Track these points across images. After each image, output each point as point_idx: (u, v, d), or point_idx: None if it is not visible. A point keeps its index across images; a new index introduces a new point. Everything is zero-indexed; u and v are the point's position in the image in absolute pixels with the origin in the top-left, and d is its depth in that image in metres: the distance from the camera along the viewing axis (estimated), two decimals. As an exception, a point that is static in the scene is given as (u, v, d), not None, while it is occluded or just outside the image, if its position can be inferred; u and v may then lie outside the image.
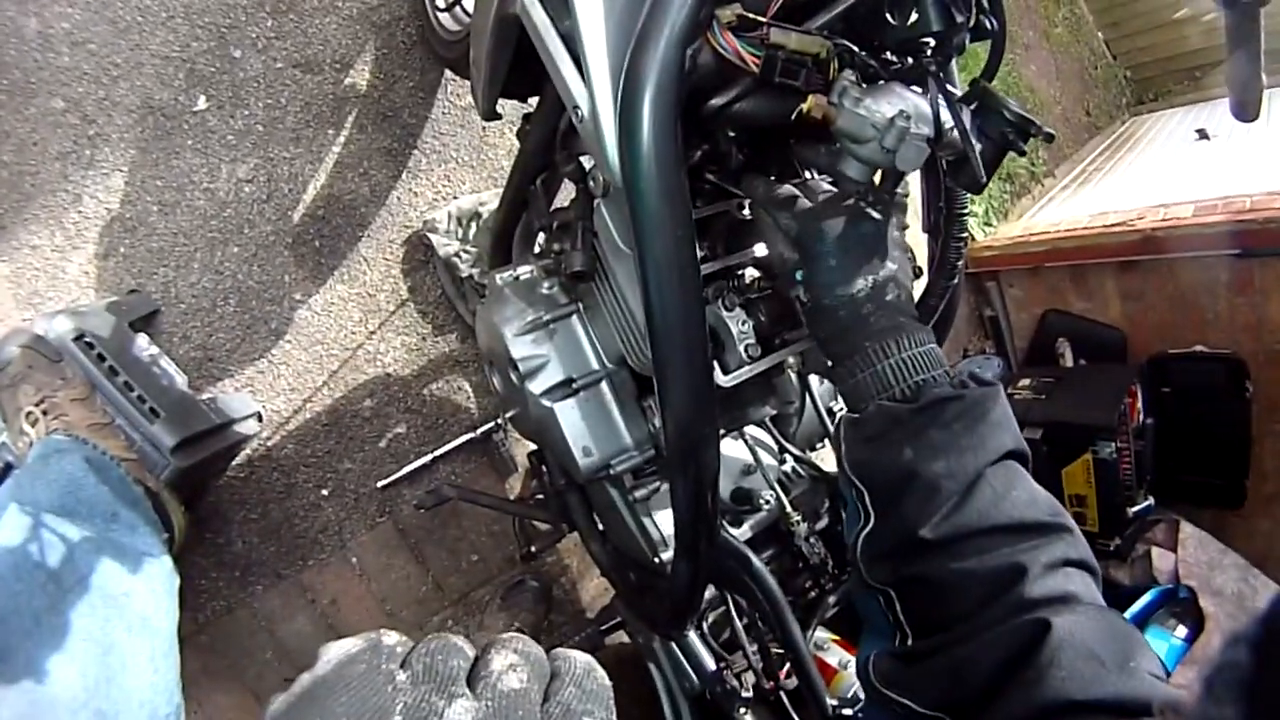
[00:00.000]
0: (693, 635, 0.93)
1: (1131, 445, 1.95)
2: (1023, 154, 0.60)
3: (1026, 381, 2.17)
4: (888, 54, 0.61)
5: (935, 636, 0.51)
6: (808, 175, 0.73)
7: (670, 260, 0.54)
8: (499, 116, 0.94)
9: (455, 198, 1.55)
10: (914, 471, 0.53)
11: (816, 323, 0.63)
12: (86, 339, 1.11)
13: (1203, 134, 2.64)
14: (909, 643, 0.54)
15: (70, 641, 0.74)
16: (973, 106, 0.59)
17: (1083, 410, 1.98)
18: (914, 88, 0.58)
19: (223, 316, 1.37)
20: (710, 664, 0.92)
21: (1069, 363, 2.27)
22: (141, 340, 1.22)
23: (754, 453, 0.83)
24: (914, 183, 0.75)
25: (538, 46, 0.65)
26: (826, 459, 0.88)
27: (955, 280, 0.73)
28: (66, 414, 1.01)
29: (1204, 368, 2.05)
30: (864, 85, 0.57)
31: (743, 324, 0.68)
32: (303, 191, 1.43)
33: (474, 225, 1.49)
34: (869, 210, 0.60)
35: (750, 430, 0.86)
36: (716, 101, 0.59)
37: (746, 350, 0.67)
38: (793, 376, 0.79)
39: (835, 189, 0.65)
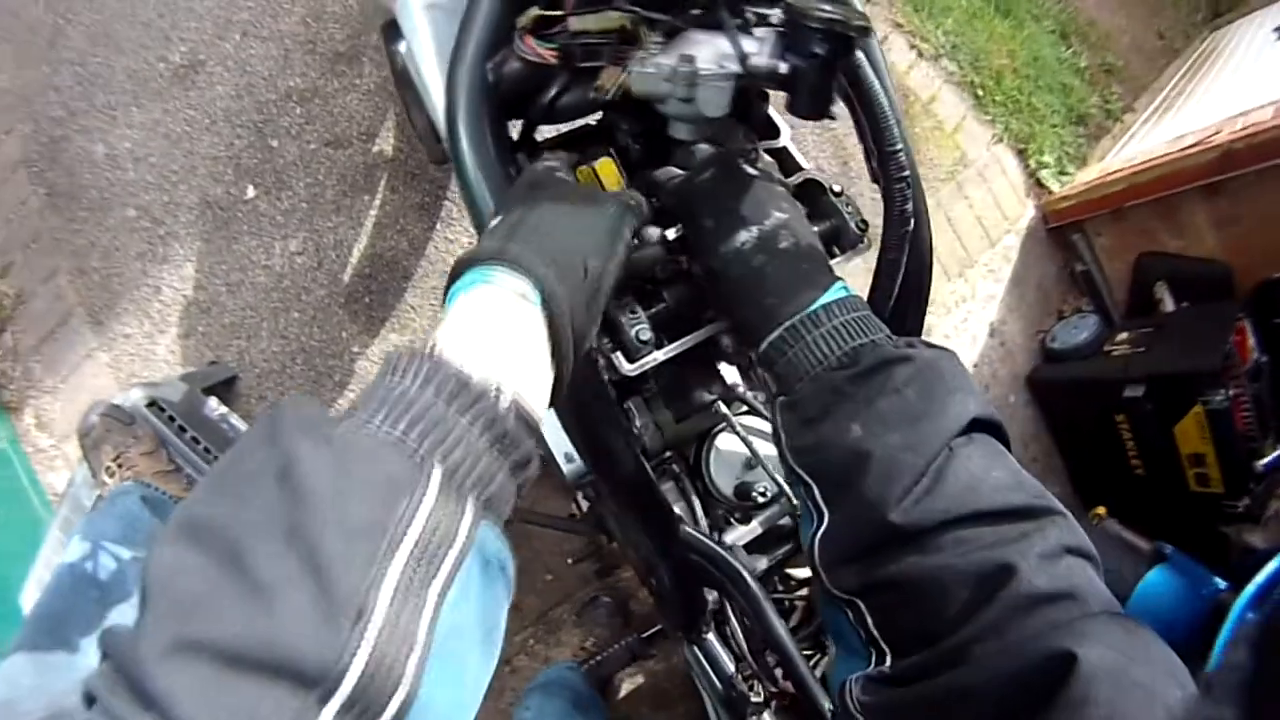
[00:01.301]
0: (711, 637, 0.95)
1: (1247, 389, 1.94)
2: (846, 55, 0.62)
3: (1124, 335, 2.22)
4: (684, 4, 0.66)
5: (921, 653, 0.48)
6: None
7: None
8: (447, 160, 1.15)
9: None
10: (865, 450, 0.51)
11: (715, 293, 0.67)
12: (158, 404, 1.46)
13: None
14: (887, 661, 0.51)
15: None
16: (781, 28, 0.62)
17: (1185, 358, 1.99)
18: (716, 31, 0.63)
19: (292, 375, 1.72)
20: (729, 667, 0.95)
21: (1169, 308, 2.30)
22: (212, 402, 1.57)
23: (749, 444, 0.83)
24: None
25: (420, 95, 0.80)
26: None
27: (909, 227, 0.72)
28: (136, 465, 1.36)
29: None
30: (665, 43, 0.64)
31: (631, 312, 0.70)
32: (349, 255, 1.78)
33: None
34: (743, 166, 0.67)
35: (751, 422, 0.88)
36: (542, 100, 0.69)
37: (638, 336, 0.70)
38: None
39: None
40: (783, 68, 0.61)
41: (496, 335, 0.47)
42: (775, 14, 0.63)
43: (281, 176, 1.79)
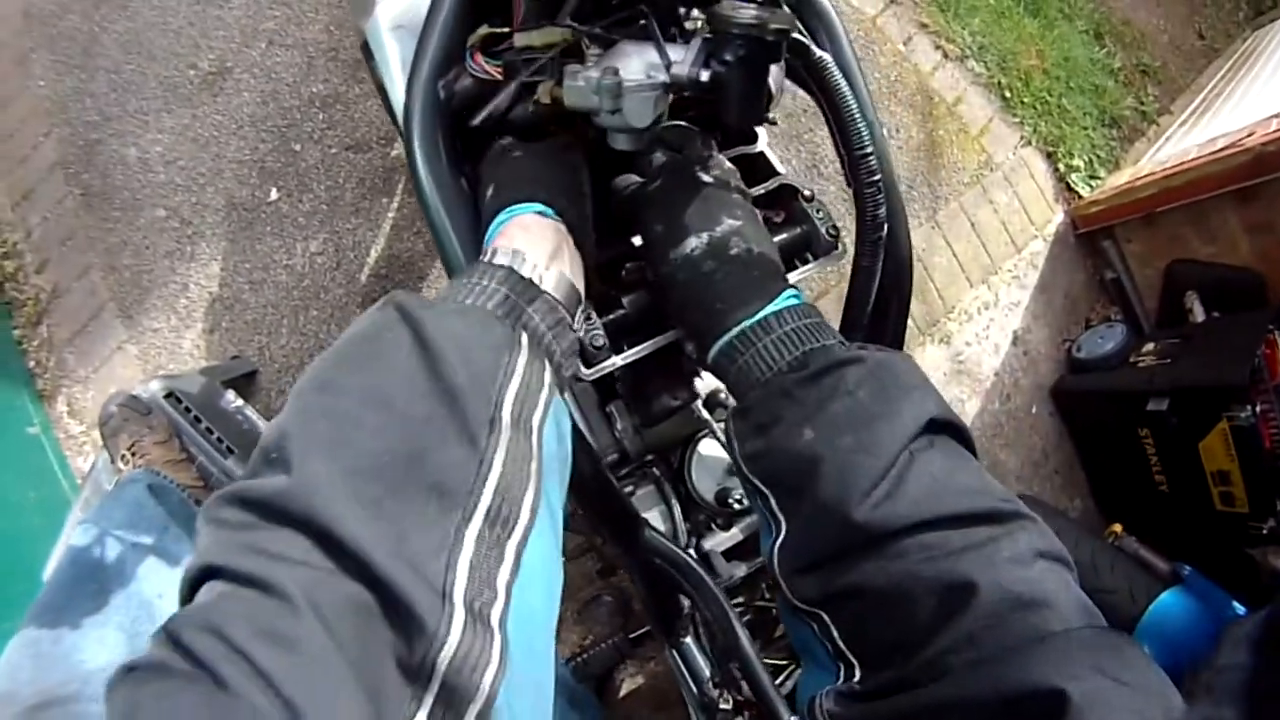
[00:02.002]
0: (689, 641, 0.96)
1: (1276, 404, 1.88)
2: (773, 61, 0.64)
3: (1150, 347, 2.19)
4: (618, 17, 0.69)
5: (893, 665, 0.47)
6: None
7: (449, 240, 0.69)
8: None
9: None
10: (818, 454, 0.51)
11: (666, 299, 0.69)
12: (175, 395, 1.55)
13: None
14: (856, 675, 0.49)
15: (106, 631, 1.13)
16: (707, 35, 0.64)
17: (1210, 371, 1.95)
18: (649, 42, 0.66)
19: (311, 372, 1.85)
20: (705, 672, 0.95)
21: (1199, 317, 2.26)
22: (229, 395, 1.66)
23: (729, 449, 0.78)
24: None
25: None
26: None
27: (882, 233, 0.72)
28: (149, 454, 1.45)
29: None
30: (602, 55, 0.67)
31: (587, 318, 0.72)
32: (366, 255, 1.88)
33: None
34: (697, 173, 0.70)
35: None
36: (493, 114, 0.73)
37: (592, 343, 0.72)
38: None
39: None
40: (704, 75, 0.62)
41: (538, 241, 0.61)
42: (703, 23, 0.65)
43: (303, 179, 1.89)
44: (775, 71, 0.68)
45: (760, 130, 0.91)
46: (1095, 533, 2.14)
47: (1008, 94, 2.49)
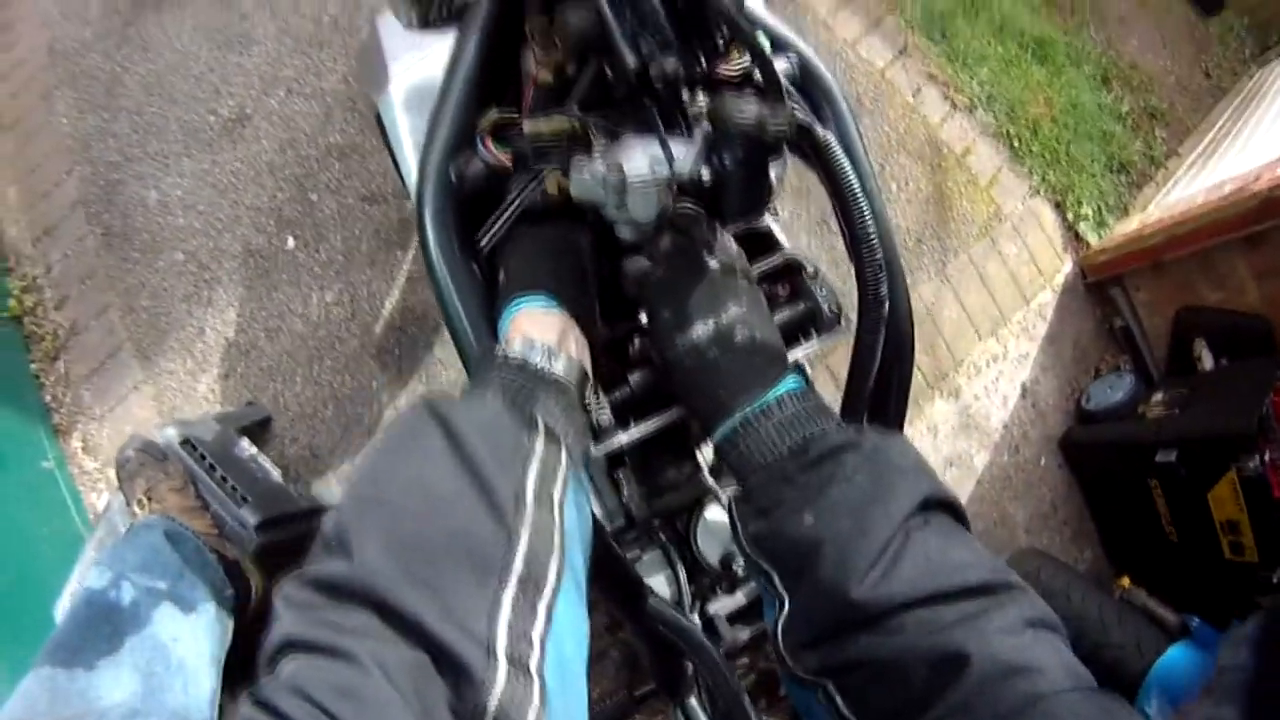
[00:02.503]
0: (692, 702, 0.97)
1: None
2: (774, 156, 0.66)
3: (1159, 397, 2.18)
4: (624, 107, 0.70)
5: None
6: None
7: (462, 327, 0.71)
8: None
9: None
10: (818, 538, 0.54)
11: (673, 383, 0.71)
12: (191, 442, 1.57)
13: None
14: None
15: (120, 671, 1.17)
16: (707, 129, 0.66)
17: (1217, 421, 1.96)
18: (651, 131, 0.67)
19: (324, 420, 1.84)
20: None
21: (1208, 365, 2.27)
22: (243, 442, 1.69)
23: (733, 529, 0.77)
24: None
25: None
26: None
27: (884, 310, 0.72)
28: (165, 500, 1.47)
29: None
30: (609, 146, 0.68)
31: (595, 395, 0.75)
32: (381, 307, 1.91)
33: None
34: (704, 258, 0.71)
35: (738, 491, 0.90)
36: (506, 197, 0.75)
37: (598, 422, 0.74)
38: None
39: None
40: (705, 173, 0.65)
41: (542, 334, 0.66)
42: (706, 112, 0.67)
43: (320, 229, 1.93)
44: (775, 166, 0.70)
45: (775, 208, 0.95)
46: (1105, 584, 2.17)
47: (1016, 143, 2.51)
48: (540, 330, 0.66)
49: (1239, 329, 2.25)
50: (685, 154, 0.66)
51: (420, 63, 0.93)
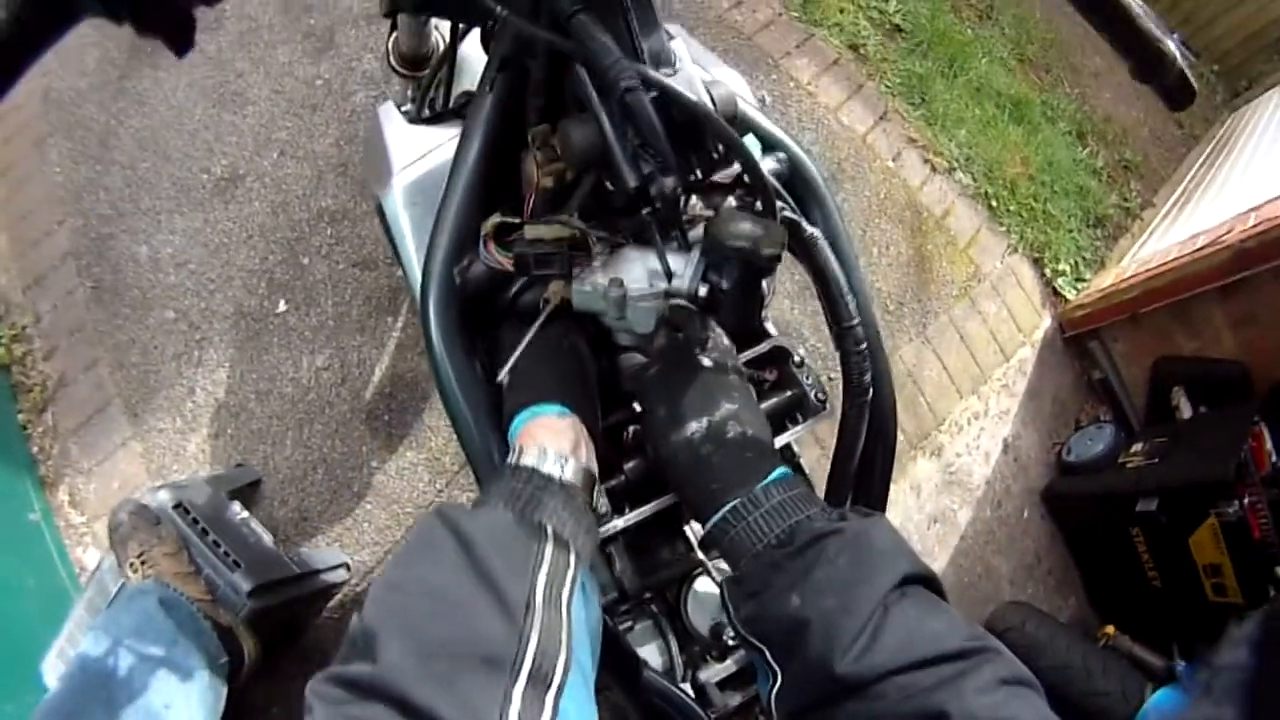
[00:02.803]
0: None
1: (1264, 495, 1.90)
2: (767, 274, 0.69)
3: (1138, 447, 2.21)
4: (624, 219, 0.72)
5: None
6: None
7: (469, 429, 0.74)
8: None
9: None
10: (805, 618, 0.58)
11: (666, 476, 0.75)
12: (184, 506, 1.57)
13: None
14: None
15: None
16: (703, 247, 0.68)
17: (1196, 469, 1.98)
18: (650, 244, 0.69)
19: (313, 483, 1.84)
20: None
21: (1186, 413, 2.30)
22: (235, 506, 1.68)
23: (725, 610, 0.80)
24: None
25: None
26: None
27: (867, 396, 0.76)
28: (159, 565, 1.47)
29: None
30: (609, 256, 0.71)
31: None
32: (371, 373, 1.92)
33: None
34: (697, 356, 0.73)
35: (726, 566, 0.87)
36: (504, 299, 0.78)
37: (596, 506, 0.74)
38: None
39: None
40: (702, 290, 0.67)
41: (557, 438, 0.68)
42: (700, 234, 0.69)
43: (311, 293, 1.94)
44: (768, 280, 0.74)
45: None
46: (1090, 632, 2.18)
47: (994, 203, 2.55)
48: (553, 438, 0.68)
49: (1216, 376, 2.29)
50: (683, 269, 0.68)
51: (423, 159, 0.93)
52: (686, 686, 0.90)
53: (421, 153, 0.94)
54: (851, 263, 0.81)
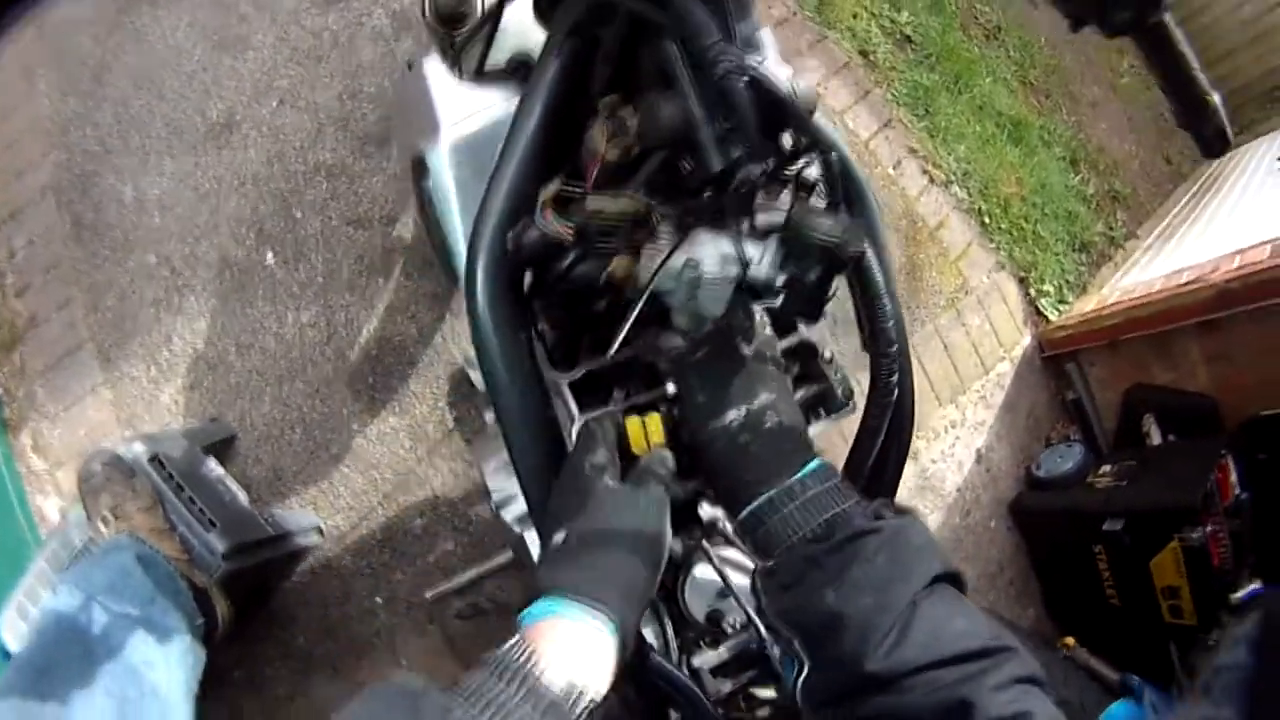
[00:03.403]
0: None
1: (1225, 525, 1.94)
2: (840, 273, 0.68)
3: (1108, 468, 2.23)
4: (695, 201, 0.68)
5: None
6: None
7: (512, 407, 0.70)
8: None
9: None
10: (841, 613, 0.57)
11: (701, 463, 0.71)
12: (159, 460, 1.48)
13: None
14: None
15: (94, 696, 1.09)
16: (782, 235, 0.66)
17: (1164, 494, 2.00)
18: (724, 229, 0.66)
19: (290, 443, 1.73)
20: None
21: (1156, 440, 2.31)
22: (210, 462, 1.59)
23: (723, 576, 0.86)
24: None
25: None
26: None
27: (893, 397, 0.76)
28: (133, 519, 1.38)
29: None
30: (677, 235, 0.67)
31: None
32: (358, 334, 1.81)
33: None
34: (739, 345, 0.70)
35: (726, 553, 0.91)
36: (557, 269, 0.73)
37: None
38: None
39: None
40: (779, 280, 0.65)
41: (577, 658, 0.56)
42: (778, 224, 0.66)
43: (301, 248, 1.83)
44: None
45: None
46: (1049, 642, 2.17)
47: (987, 220, 2.53)
48: (587, 666, 0.57)
49: (1187, 408, 2.31)
50: (759, 257, 0.66)
51: (474, 118, 0.87)
52: (684, 671, 0.88)
53: (472, 111, 0.88)
54: (889, 263, 0.79)
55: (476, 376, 1.77)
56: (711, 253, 0.66)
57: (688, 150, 0.65)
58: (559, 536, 0.63)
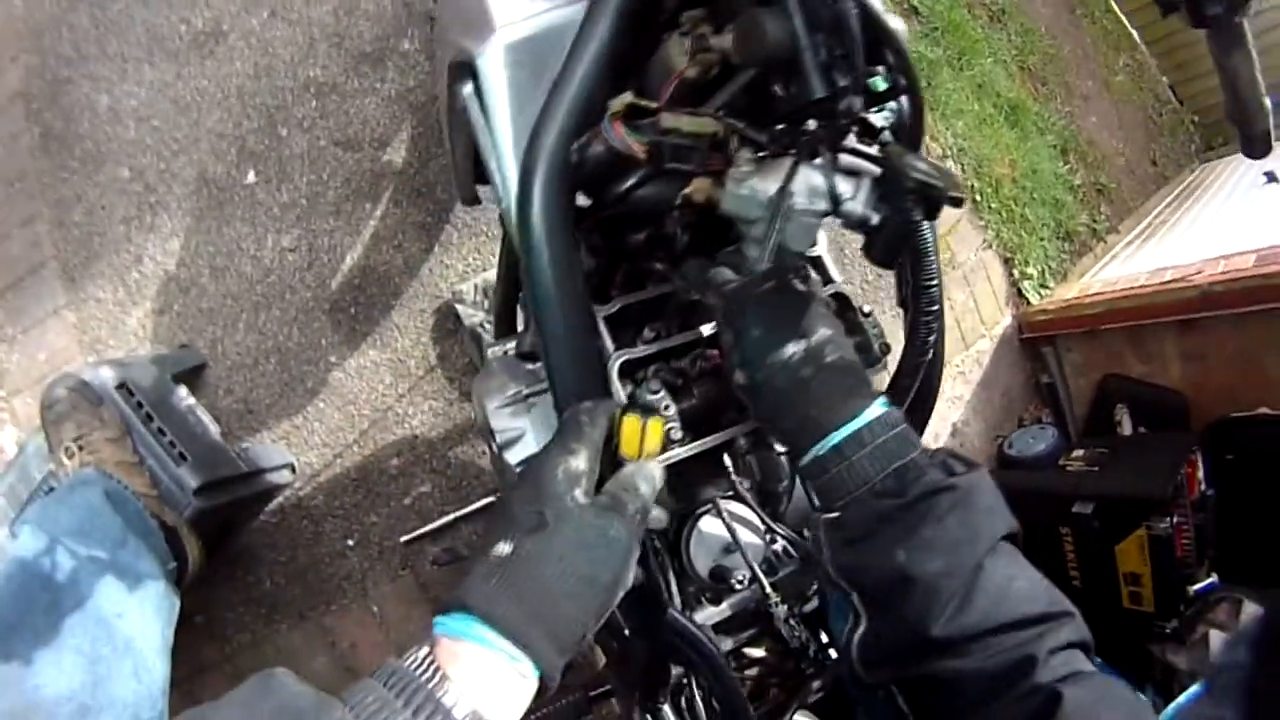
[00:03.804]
0: (666, 709, 0.94)
1: (1191, 519, 1.97)
2: (930, 219, 0.63)
3: (1080, 453, 2.23)
4: (783, 127, 0.65)
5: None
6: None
7: (561, 336, 0.65)
8: (478, 201, 1.12)
9: (483, 271, 1.77)
10: (910, 575, 0.54)
11: (760, 403, 0.66)
12: (128, 387, 1.36)
13: (1271, 176, 2.66)
14: None
15: (62, 654, 0.97)
16: (876, 178, 0.62)
17: (1136, 482, 2.02)
18: (814, 161, 0.62)
19: (264, 374, 1.62)
20: None
21: (1127, 430, 2.33)
22: (181, 391, 1.47)
23: (732, 531, 0.83)
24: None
25: (476, 142, 0.79)
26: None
27: (927, 356, 0.75)
28: (99, 451, 1.26)
29: (1269, 431, 2.08)
30: (759, 163, 0.63)
31: (665, 408, 0.73)
32: (341, 261, 1.69)
33: (492, 303, 1.69)
34: (793, 282, 0.67)
35: (734, 507, 0.88)
36: (618, 188, 0.68)
37: (669, 435, 0.71)
38: (783, 458, 0.84)
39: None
40: (875, 219, 0.61)
41: (489, 693, 0.49)
42: (869, 162, 0.63)
43: (285, 167, 1.69)
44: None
45: (820, 234, 0.85)
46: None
47: (978, 198, 2.50)
48: (500, 711, 0.50)
49: (1159, 402, 2.35)
50: (853, 193, 0.62)
51: (533, 19, 0.77)
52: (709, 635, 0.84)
53: (531, 12, 0.79)
54: (934, 228, 0.76)
55: (464, 310, 1.69)
56: (801, 184, 0.61)
57: (783, 74, 0.60)
58: (503, 547, 0.54)
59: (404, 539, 1.68)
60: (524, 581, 0.52)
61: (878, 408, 0.61)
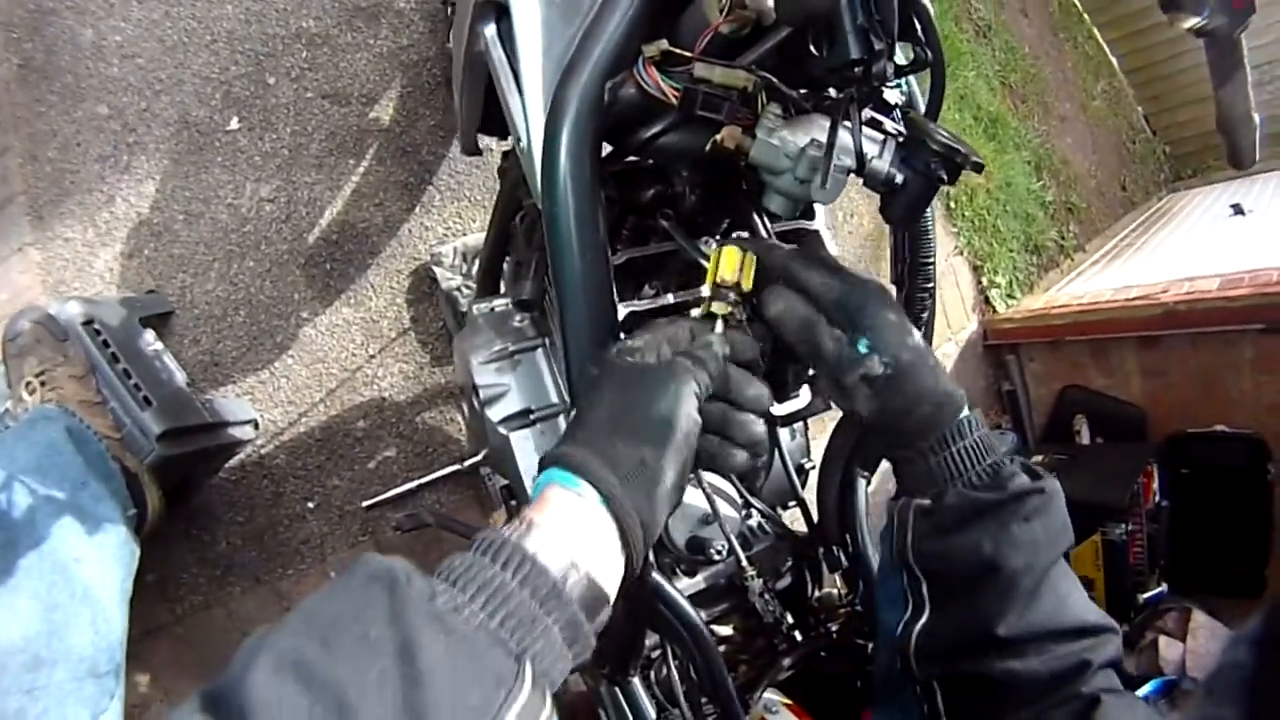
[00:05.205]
0: (636, 682, 0.90)
1: (1144, 528, 1.97)
2: (951, 183, 0.61)
3: (1040, 458, 2.21)
4: (814, 86, 0.64)
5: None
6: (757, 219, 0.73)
7: (580, 273, 0.61)
8: (480, 152, 1.05)
9: (463, 235, 1.67)
10: (996, 565, 0.53)
11: (896, 393, 0.57)
12: (95, 325, 1.24)
13: (1238, 209, 2.68)
14: None
15: (16, 599, 0.87)
16: (899, 139, 0.61)
17: (1094, 488, 1.99)
18: (843, 120, 0.60)
19: (232, 325, 1.48)
20: (651, 714, 0.89)
21: (1085, 440, 2.31)
22: (148, 335, 1.34)
23: (712, 503, 0.81)
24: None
25: (495, 83, 0.74)
26: (795, 519, 0.90)
27: (920, 330, 0.69)
28: (62, 388, 1.15)
29: (1224, 448, 2.05)
30: (787, 118, 0.61)
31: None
32: (319, 215, 1.56)
33: (478, 262, 1.60)
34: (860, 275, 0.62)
35: (713, 479, 0.84)
36: (643, 133, 0.65)
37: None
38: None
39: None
40: (899, 178, 0.60)
41: (575, 536, 0.49)
42: (892, 124, 0.62)
43: (270, 116, 1.55)
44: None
45: (819, 208, 0.83)
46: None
47: (953, 204, 2.43)
48: (582, 539, 0.49)
49: (1117, 415, 2.33)
50: (879, 152, 0.61)
51: None
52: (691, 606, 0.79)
53: None
54: (933, 211, 0.77)
55: (442, 273, 1.56)
56: (825, 140, 0.60)
57: (818, 35, 0.59)
58: (574, 411, 0.57)
59: (366, 504, 1.55)
60: (577, 429, 0.54)
61: (966, 402, 0.58)
